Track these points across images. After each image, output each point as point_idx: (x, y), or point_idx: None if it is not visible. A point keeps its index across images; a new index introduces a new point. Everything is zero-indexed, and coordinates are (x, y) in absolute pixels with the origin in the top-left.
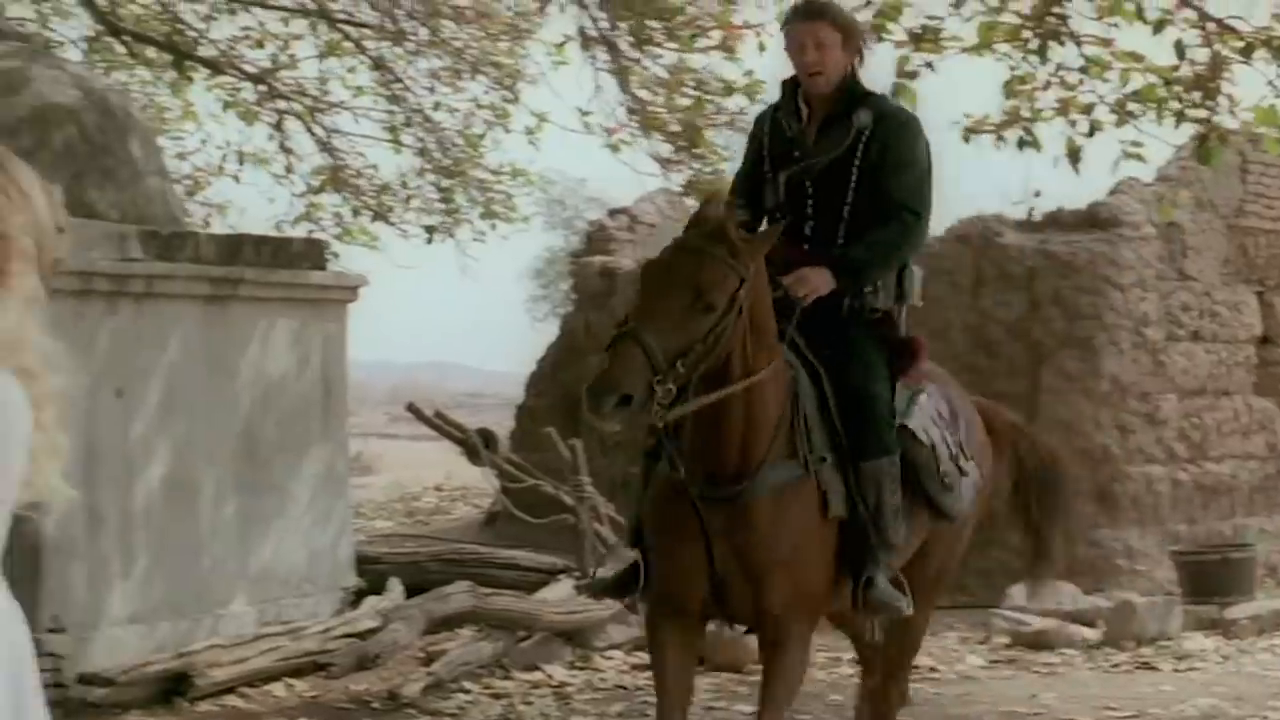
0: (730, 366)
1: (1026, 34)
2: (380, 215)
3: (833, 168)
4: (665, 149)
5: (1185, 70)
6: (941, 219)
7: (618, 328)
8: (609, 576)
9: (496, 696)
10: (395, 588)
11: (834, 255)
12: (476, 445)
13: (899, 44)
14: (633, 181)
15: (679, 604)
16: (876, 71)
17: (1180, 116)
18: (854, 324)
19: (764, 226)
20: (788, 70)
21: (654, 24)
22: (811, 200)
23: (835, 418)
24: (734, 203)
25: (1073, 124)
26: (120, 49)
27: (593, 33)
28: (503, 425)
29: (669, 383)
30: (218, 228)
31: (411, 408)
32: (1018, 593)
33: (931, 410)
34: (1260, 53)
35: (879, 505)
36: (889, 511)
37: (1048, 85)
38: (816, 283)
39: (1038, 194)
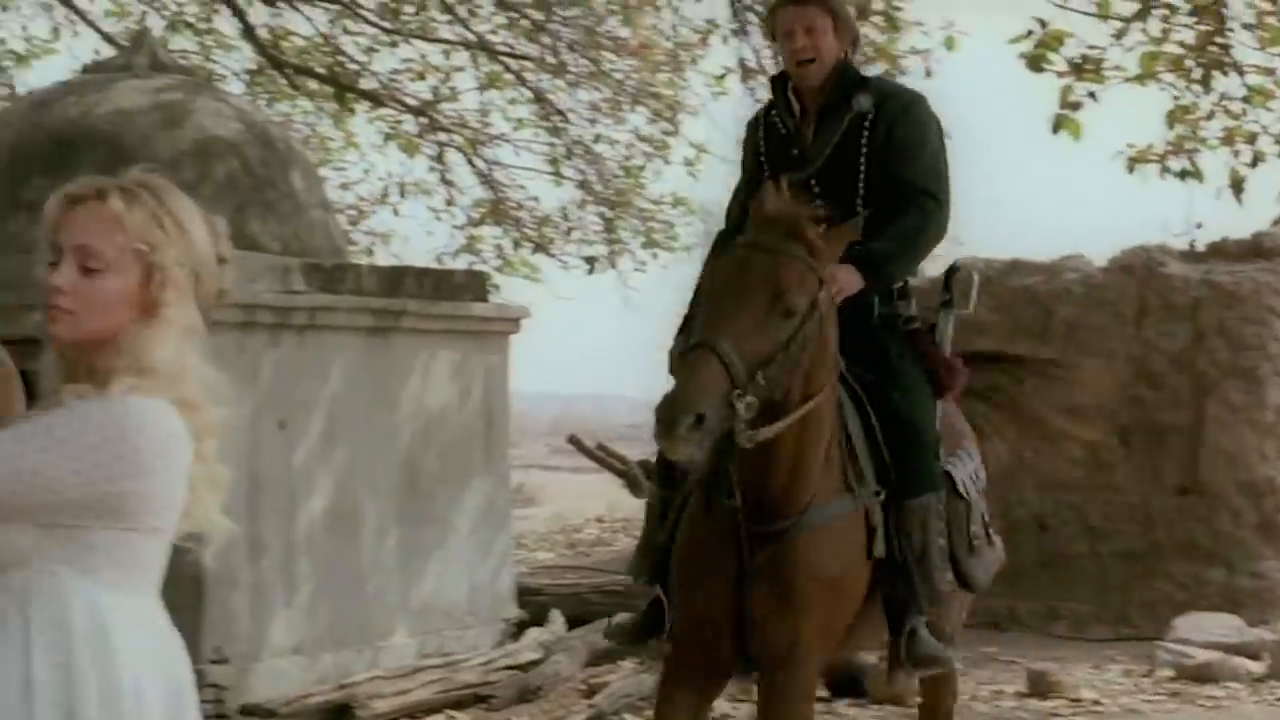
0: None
1: (1189, 64)
2: (541, 247)
3: (836, 160)
4: None
5: None
6: (1104, 248)
7: (684, 340)
8: (629, 620)
9: None
10: (557, 619)
11: (854, 251)
12: (638, 477)
13: (1061, 74)
14: None
15: (706, 648)
16: (1037, 102)
17: None
18: (889, 336)
19: None
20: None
21: None
22: (819, 199)
23: (882, 446)
24: (801, 194)
25: (1236, 154)
26: (282, 81)
27: (753, 64)
28: None
29: (750, 396)
30: (381, 257)
31: (573, 439)
32: (1182, 625)
33: (972, 467)
34: None
35: (925, 548)
36: (935, 555)
37: (1211, 115)
38: (844, 281)
39: (1199, 225)
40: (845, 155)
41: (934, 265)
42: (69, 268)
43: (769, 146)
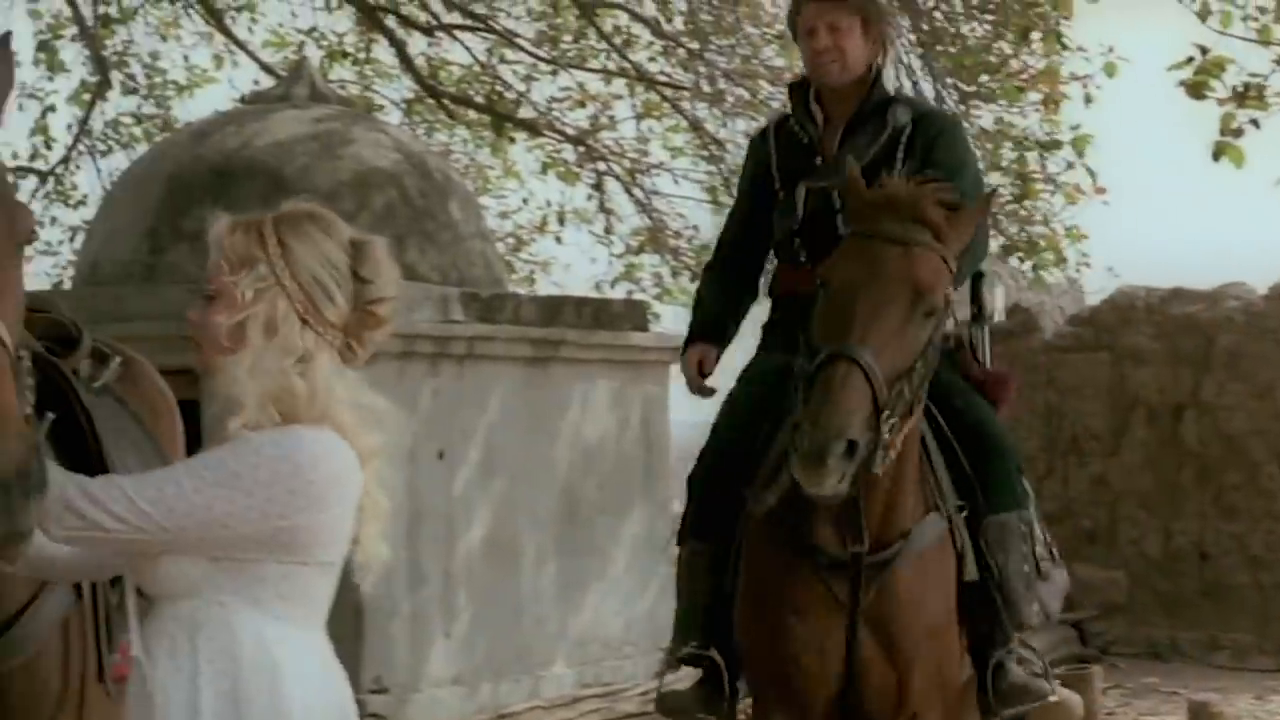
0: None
1: None
2: (700, 275)
3: (867, 175)
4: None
5: None
6: (1266, 276)
7: (811, 348)
8: (686, 690)
9: None
10: None
11: None
12: None
13: (1222, 101)
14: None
15: (799, 702)
16: (1198, 128)
17: None
18: None
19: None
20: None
21: (977, 81)
22: (843, 215)
23: (961, 458)
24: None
25: None
26: (440, 111)
27: (910, 92)
28: None
29: (894, 415)
30: (541, 285)
31: None
32: None
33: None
34: None
35: (1007, 572)
36: (1020, 580)
37: None
38: None
39: None
40: (878, 171)
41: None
42: (199, 300)
43: (784, 157)
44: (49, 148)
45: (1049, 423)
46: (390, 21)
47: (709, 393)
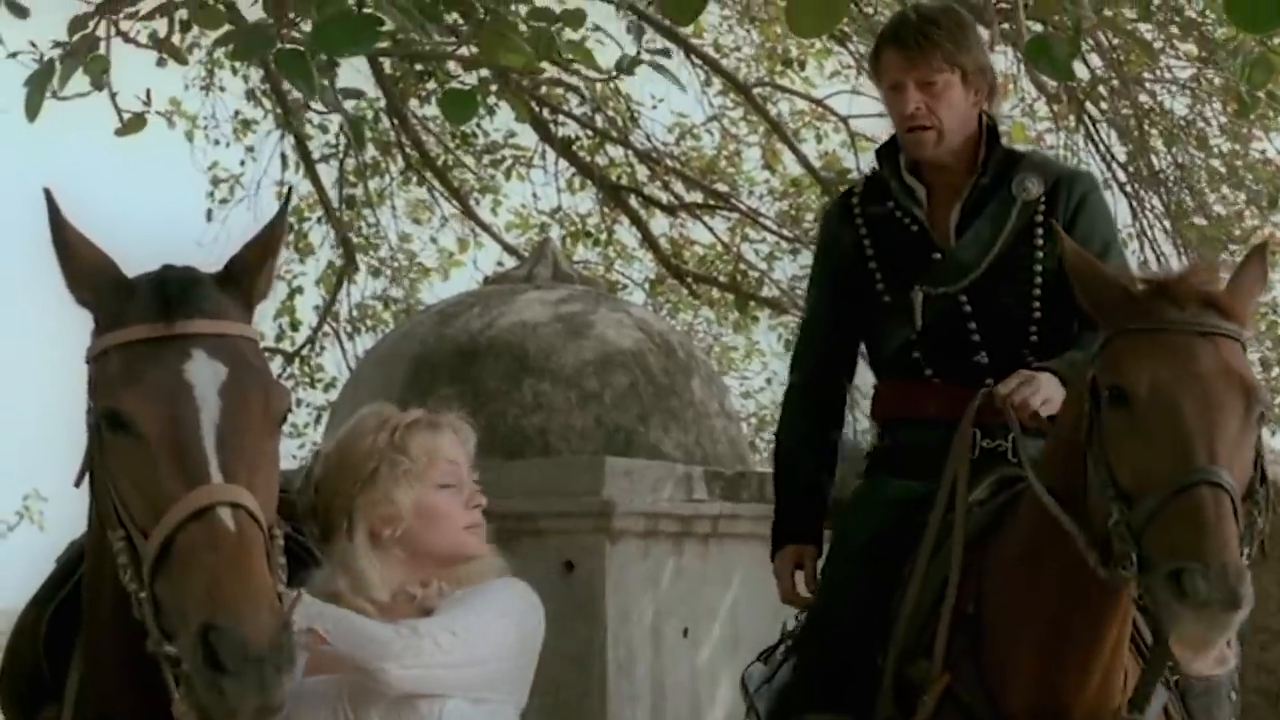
0: None
1: None
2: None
3: (1001, 266)
4: None
5: None
6: None
7: (1119, 484)
8: None
9: None
10: None
11: (1053, 363)
12: None
13: None
14: None
15: None
16: None
17: None
18: None
19: (859, 372)
20: None
21: (1229, 248)
22: (975, 321)
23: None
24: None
25: None
26: (684, 290)
27: (1156, 266)
28: None
29: (1245, 547)
30: None
31: None
32: None
33: None
34: None
35: None
36: None
37: None
38: (1049, 391)
39: None
40: (1015, 259)
41: None
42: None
43: (884, 246)
44: (295, 329)
45: None
46: (633, 201)
47: (805, 604)
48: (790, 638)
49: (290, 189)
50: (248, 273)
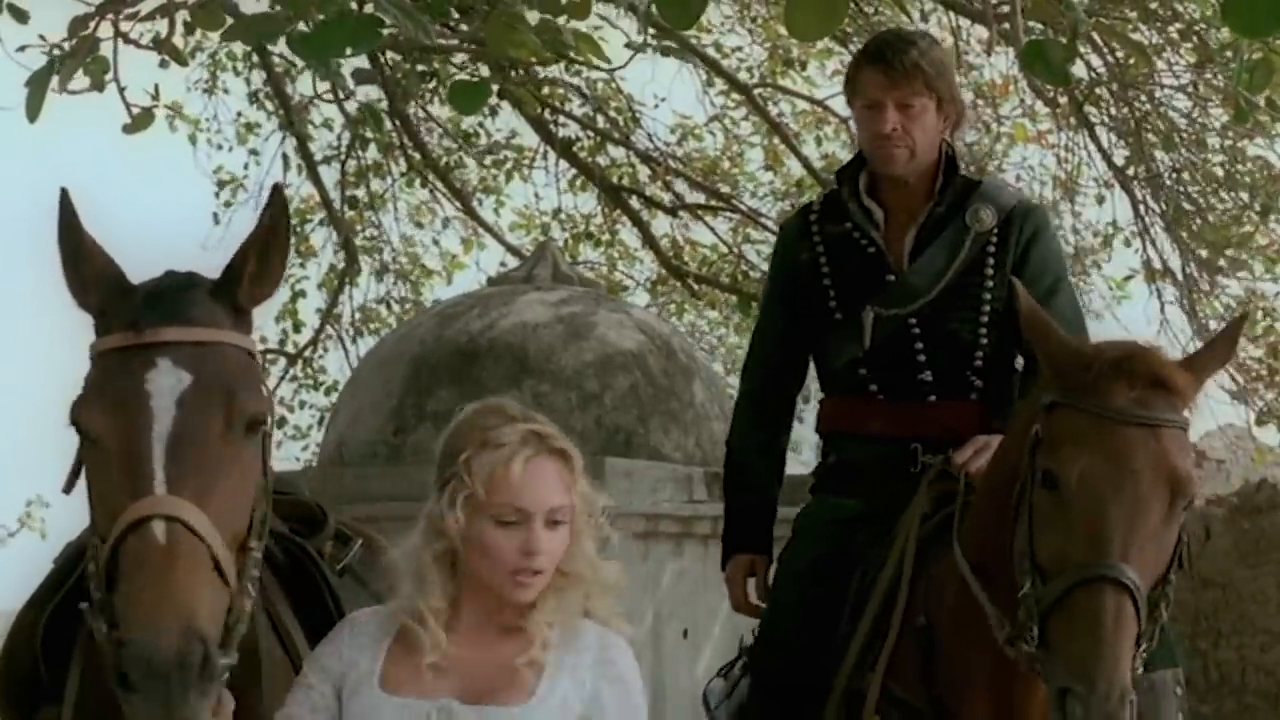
0: None
1: None
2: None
3: (951, 293)
4: (1238, 380)
5: None
6: None
7: (1062, 556)
8: None
9: None
10: None
11: (1009, 432)
12: None
13: None
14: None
15: None
16: None
17: None
18: None
19: (811, 387)
20: None
21: (1226, 253)
22: (922, 342)
23: None
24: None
25: None
26: (685, 291)
27: (1158, 265)
28: None
29: (1145, 649)
30: (792, 466)
31: None
32: None
33: None
34: None
35: None
36: None
37: None
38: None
39: None
40: (965, 288)
41: None
42: (548, 532)
43: (839, 264)
44: (298, 330)
45: None
46: (634, 202)
47: (757, 613)
48: (745, 653)
49: (277, 186)
50: (238, 278)
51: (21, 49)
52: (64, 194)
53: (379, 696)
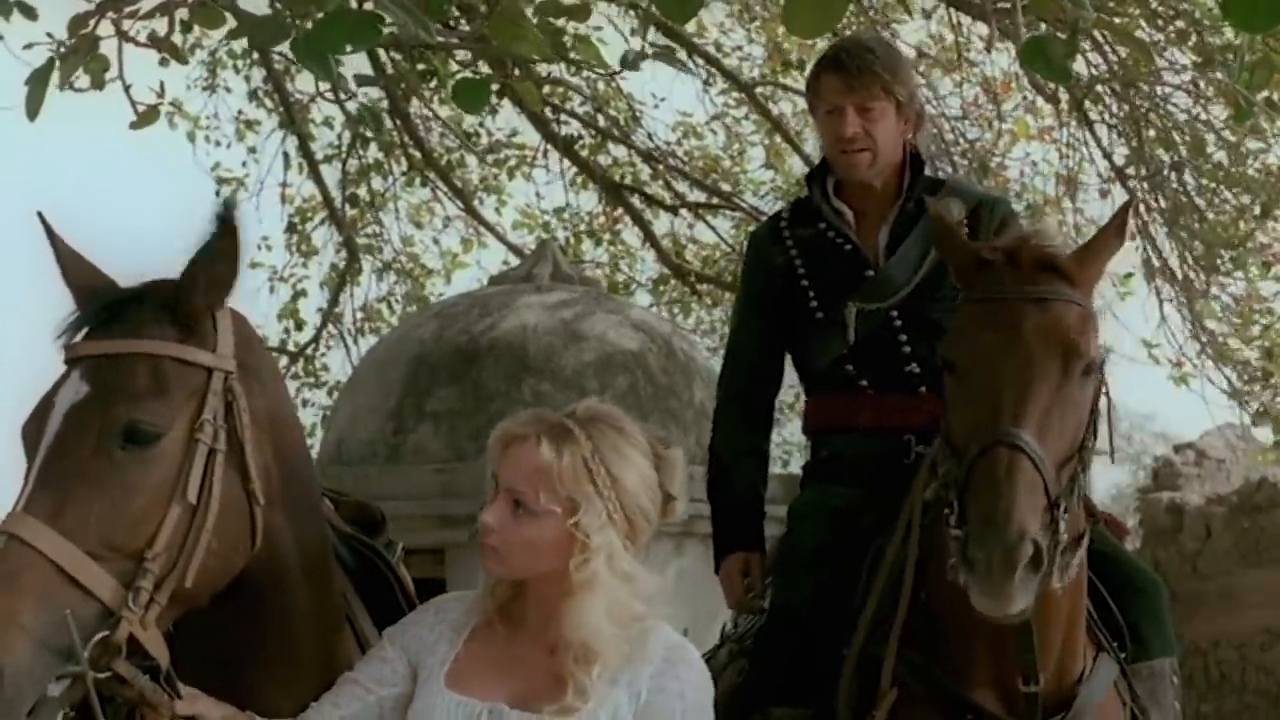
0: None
1: None
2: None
3: (926, 285)
4: (1235, 380)
5: None
6: None
7: (952, 449)
8: None
9: None
10: None
11: None
12: None
13: None
14: (1199, 416)
15: None
16: None
17: None
18: None
19: (789, 386)
20: None
21: (1223, 253)
22: (905, 334)
23: (1102, 591)
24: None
25: None
26: (685, 289)
27: (1157, 264)
28: None
29: (1069, 509)
30: (795, 464)
31: None
32: None
33: None
34: None
35: None
36: None
37: None
38: None
39: None
40: (940, 277)
41: None
42: (501, 507)
43: (816, 265)
44: (299, 329)
45: None
46: (635, 200)
47: (759, 610)
48: (731, 641)
49: (232, 194)
50: (187, 285)
51: (28, 47)
52: (40, 217)
53: (442, 689)
